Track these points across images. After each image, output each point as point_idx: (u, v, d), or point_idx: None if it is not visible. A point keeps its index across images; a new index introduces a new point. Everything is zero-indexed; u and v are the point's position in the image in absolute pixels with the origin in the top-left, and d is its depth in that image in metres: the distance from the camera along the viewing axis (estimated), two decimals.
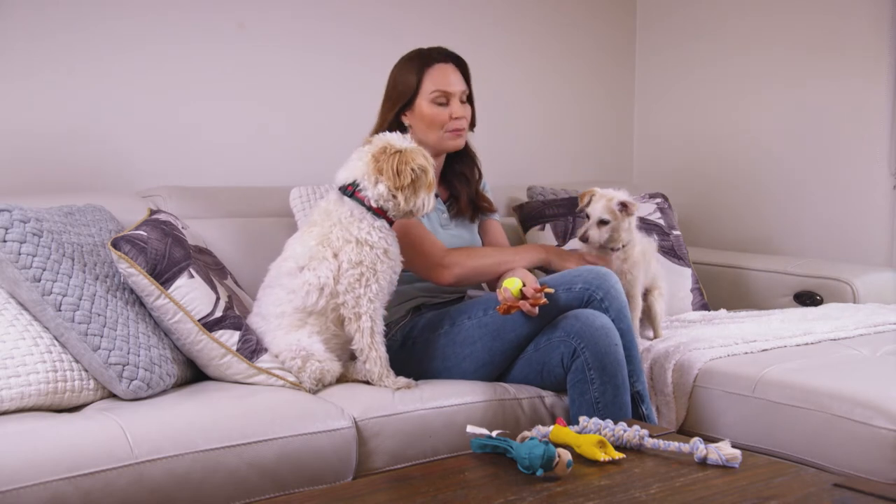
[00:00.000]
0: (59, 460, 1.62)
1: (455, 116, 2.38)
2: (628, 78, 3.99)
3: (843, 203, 3.34)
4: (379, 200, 2.12)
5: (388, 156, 2.09)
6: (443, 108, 2.37)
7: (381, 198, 2.11)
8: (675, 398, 2.31)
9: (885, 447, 1.91)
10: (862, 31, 3.25)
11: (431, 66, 2.39)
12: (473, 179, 2.52)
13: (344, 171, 2.16)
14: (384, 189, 2.10)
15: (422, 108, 2.38)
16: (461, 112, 2.39)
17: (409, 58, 2.43)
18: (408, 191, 2.10)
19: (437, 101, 2.37)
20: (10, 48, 2.56)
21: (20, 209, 1.96)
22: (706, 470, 1.62)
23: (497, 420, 2.11)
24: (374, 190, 2.11)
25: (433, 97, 2.37)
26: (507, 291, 2.14)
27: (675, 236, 3.10)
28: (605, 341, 2.10)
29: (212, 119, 2.90)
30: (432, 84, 2.37)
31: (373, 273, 2.10)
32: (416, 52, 2.44)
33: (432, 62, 2.39)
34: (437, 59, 2.40)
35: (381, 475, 1.86)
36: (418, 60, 2.41)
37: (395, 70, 2.44)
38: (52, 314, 1.90)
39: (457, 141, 2.41)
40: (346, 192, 2.14)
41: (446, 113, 2.37)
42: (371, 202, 2.12)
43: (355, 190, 2.13)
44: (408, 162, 2.09)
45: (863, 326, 2.59)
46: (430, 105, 2.37)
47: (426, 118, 2.38)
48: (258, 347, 2.10)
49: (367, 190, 2.12)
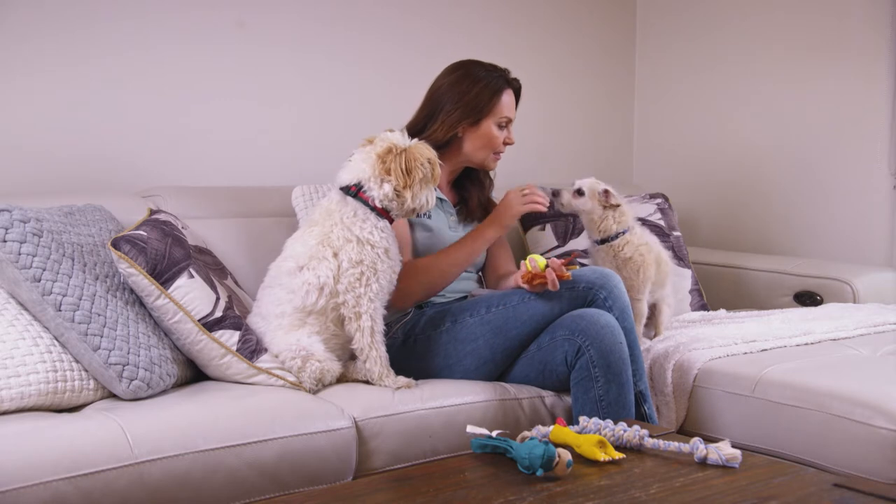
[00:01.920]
0: (59, 460, 1.62)
1: (508, 143, 2.47)
2: (628, 78, 3.99)
3: (843, 203, 3.34)
4: (384, 201, 2.12)
5: (395, 155, 2.10)
6: (502, 132, 2.45)
7: (387, 198, 2.12)
8: (675, 398, 2.31)
9: (885, 447, 1.91)
10: (862, 32, 3.24)
11: (505, 90, 2.44)
12: (486, 184, 2.57)
13: (347, 173, 2.17)
14: (390, 189, 2.11)
15: (488, 129, 2.43)
16: (511, 139, 2.47)
17: (487, 72, 2.43)
18: (416, 188, 2.10)
19: (501, 124, 2.44)
20: (10, 48, 2.55)
21: (20, 209, 1.96)
22: (706, 470, 1.62)
23: (497, 420, 2.11)
24: (379, 191, 2.12)
25: (500, 122, 2.44)
26: (534, 262, 2.16)
27: (675, 237, 3.10)
28: (610, 339, 2.11)
29: (212, 119, 2.90)
30: (503, 109, 2.43)
31: (373, 272, 2.10)
32: (492, 68, 2.45)
33: (507, 86, 2.45)
34: (511, 84, 2.47)
35: (381, 475, 1.86)
36: (497, 81, 2.43)
37: (464, 78, 2.42)
38: (52, 314, 1.90)
39: (497, 162, 2.50)
40: (349, 192, 2.14)
41: (502, 137, 2.45)
42: (376, 202, 2.13)
43: (359, 191, 2.13)
44: (416, 158, 2.10)
45: (863, 326, 2.59)
46: (495, 128, 2.43)
47: (485, 138, 2.43)
48: (258, 347, 2.10)
49: (372, 191, 2.12)
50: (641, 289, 2.53)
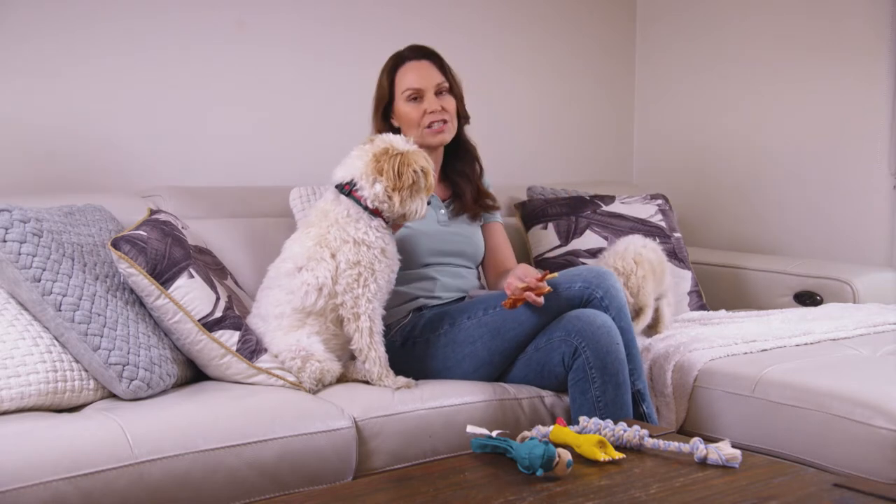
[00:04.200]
0: (59, 460, 1.62)
1: (429, 111, 2.39)
2: (628, 78, 3.99)
3: (843, 203, 3.34)
4: (375, 201, 2.12)
5: (390, 157, 2.10)
6: (417, 105, 2.40)
7: (378, 198, 2.12)
8: (675, 399, 2.31)
9: (885, 447, 1.91)
10: (862, 32, 3.24)
11: (402, 65, 2.44)
12: (475, 176, 2.53)
13: (342, 169, 2.17)
14: (381, 189, 2.11)
15: (399, 109, 2.42)
16: (434, 106, 2.40)
17: (386, 62, 2.47)
18: (405, 192, 2.10)
19: (411, 98, 2.40)
20: (10, 48, 2.55)
21: (20, 209, 1.96)
22: (706, 470, 1.62)
23: (497, 420, 2.11)
24: (370, 190, 2.12)
25: (406, 96, 2.41)
26: (512, 285, 2.15)
27: (675, 238, 3.09)
28: (606, 340, 2.10)
29: (212, 119, 2.90)
30: (403, 83, 2.42)
31: (371, 273, 2.10)
32: (391, 55, 2.48)
33: (403, 61, 2.44)
34: (407, 57, 2.45)
35: (381, 475, 1.86)
36: (391, 62, 2.46)
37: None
38: (52, 314, 1.90)
39: (440, 136, 2.42)
40: (343, 190, 2.15)
41: (421, 109, 2.39)
42: (367, 202, 2.13)
43: (352, 189, 2.13)
44: (409, 164, 2.10)
45: (863, 326, 2.59)
46: (406, 104, 2.41)
47: (404, 118, 2.42)
48: (258, 347, 2.10)
49: (364, 189, 2.12)
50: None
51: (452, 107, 2.44)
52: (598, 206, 3.04)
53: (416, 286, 2.38)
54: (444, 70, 2.45)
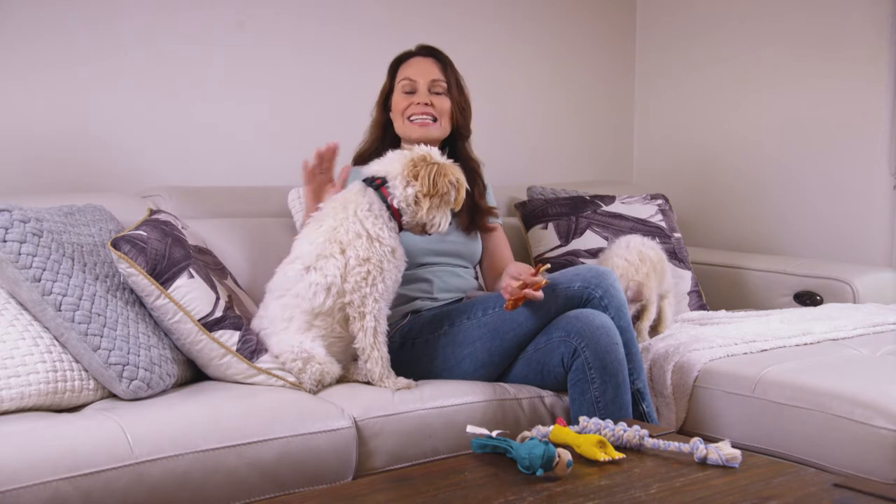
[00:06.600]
0: (59, 460, 1.62)
1: (418, 104, 2.42)
2: (628, 78, 3.99)
3: (843, 203, 3.34)
4: (402, 202, 2.13)
5: (428, 164, 2.12)
6: (409, 97, 2.43)
7: (406, 200, 2.13)
8: (675, 399, 2.31)
9: (885, 447, 1.91)
10: (862, 31, 3.24)
11: (407, 59, 2.48)
12: (475, 194, 2.49)
13: (378, 164, 2.19)
14: (412, 193, 2.12)
15: (393, 99, 2.48)
16: (423, 100, 2.42)
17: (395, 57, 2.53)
18: (436, 200, 2.11)
19: (405, 90, 2.44)
20: (10, 48, 2.56)
21: (20, 209, 1.96)
22: (706, 470, 1.62)
23: (497, 420, 2.11)
24: (402, 191, 2.13)
25: (401, 87, 2.45)
26: (509, 286, 2.14)
27: (675, 239, 3.09)
28: (605, 340, 2.10)
29: (212, 119, 2.90)
30: (401, 75, 2.46)
31: (379, 271, 2.10)
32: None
33: (409, 56, 2.49)
34: (414, 53, 2.50)
35: (381, 475, 1.86)
36: (398, 56, 2.51)
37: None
38: (52, 314, 1.90)
39: (420, 130, 2.42)
40: (372, 183, 2.15)
41: (409, 100, 2.43)
42: (394, 201, 2.13)
43: (382, 185, 2.14)
44: (445, 174, 2.13)
45: (862, 326, 2.59)
46: (399, 94, 2.45)
47: (394, 107, 2.47)
48: (258, 348, 2.10)
49: (395, 189, 2.13)
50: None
51: (446, 107, 2.44)
52: (598, 206, 3.04)
53: (413, 287, 2.38)
54: (446, 72, 2.45)
